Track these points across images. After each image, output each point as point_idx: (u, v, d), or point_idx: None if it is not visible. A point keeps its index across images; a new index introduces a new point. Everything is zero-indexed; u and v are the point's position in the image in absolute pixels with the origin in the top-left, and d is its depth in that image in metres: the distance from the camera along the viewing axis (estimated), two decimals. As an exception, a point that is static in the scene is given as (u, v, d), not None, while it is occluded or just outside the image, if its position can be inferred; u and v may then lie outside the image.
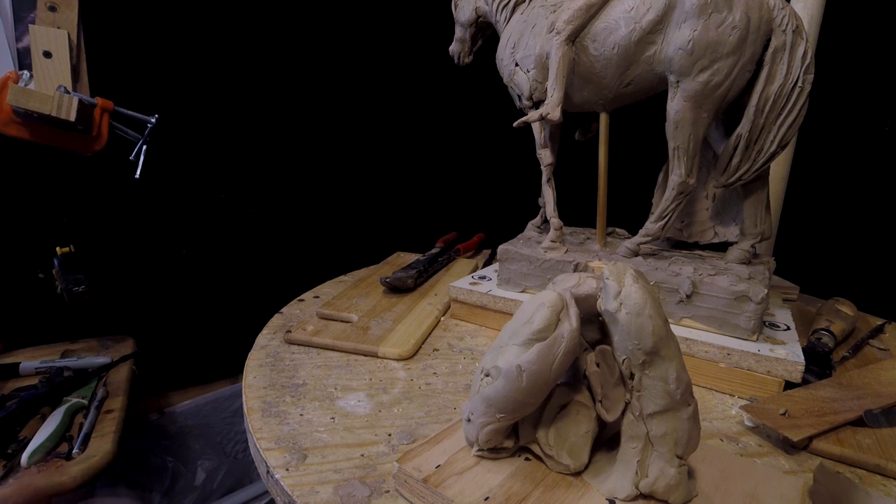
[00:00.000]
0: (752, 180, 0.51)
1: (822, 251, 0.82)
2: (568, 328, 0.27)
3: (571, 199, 0.64)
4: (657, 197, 0.60)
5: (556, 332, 0.27)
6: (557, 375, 0.27)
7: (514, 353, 0.28)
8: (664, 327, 0.26)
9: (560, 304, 0.28)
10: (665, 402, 0.27)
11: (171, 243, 0.95)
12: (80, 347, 0.82)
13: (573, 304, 0.28)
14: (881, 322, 0.61)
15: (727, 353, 0.47)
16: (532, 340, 0.28)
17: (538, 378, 0.27)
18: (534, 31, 0.56)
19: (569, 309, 0.28)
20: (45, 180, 0.82)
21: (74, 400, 0.64)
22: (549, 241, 0.59)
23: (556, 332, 0.27)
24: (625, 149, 0.63)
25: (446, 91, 0.99)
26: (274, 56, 0.94)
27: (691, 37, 0.46)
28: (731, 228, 0.57)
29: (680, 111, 0.49)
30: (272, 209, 1.01)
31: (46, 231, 0.82)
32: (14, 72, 0.62)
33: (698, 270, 0.51)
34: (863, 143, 0.80)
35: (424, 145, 1.06)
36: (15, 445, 0.56)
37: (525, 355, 0.27)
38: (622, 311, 0.26)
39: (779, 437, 0.37)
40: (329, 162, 1.03)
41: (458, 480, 0.29)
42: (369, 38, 1.00)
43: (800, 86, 0.46)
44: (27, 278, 0.82)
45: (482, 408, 0.29)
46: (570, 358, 0.27)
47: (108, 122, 0.66)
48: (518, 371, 0.27)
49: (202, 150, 0.93)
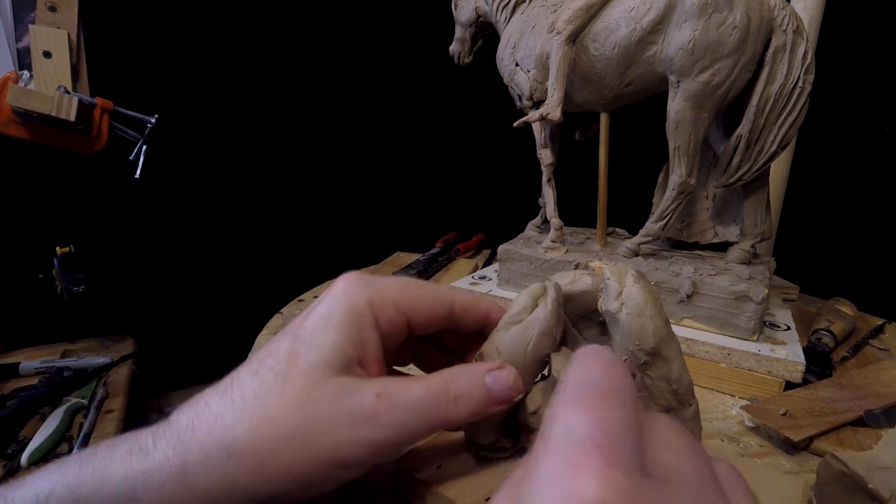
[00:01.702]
0: (753, 180, 0.51)
1: (822, 251, 0.82)
2: (542, 311, 0.28)
3: (571, 199, 0.64)
4: (657, 197, 0.60)
5: (531, 316, 0.28)
6: (534, 357, 0.28)
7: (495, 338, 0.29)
8: (665, 328, 0.26)
9: (539, 292, 0.29)
10: (667, 402, 0.27)
11: (171, 243, 0.95)
12: (80, 347, 0.82)
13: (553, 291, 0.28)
14: (881, 322, 0.61)
15: (727, 353, 0.47)
16: (509, 324, 0.28)
17: (514, 360, 0.28)
18: (534, 30, 0.56)
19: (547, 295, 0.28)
20: (45, 180, 0.82)
21: (74, 400, 0.64)
22: (550, 242, 0.59)
23: (532, 315, 0.28)
24: (625, 149, 0.63)
25: (446, 91, 0.99)
26: (273, 56, 0.94)
27: (692, 37, 0.46)
28: (732, 228, 0.57)
29: (680, 111, 0.49)
30: (272, 209, 1.01)
31: (46, 231, 0.82)
32: (14, 72, 0.62)
33: (699, 270, 0.51)
34: (862, 142, 0.80)
35: (424, 145, 1.06)
36: (15, 445, 0.56)
37: (502, 338, 0.28)
38: (623, 312, 0.26)
39: (779, 438, 0.37)
40: (328, 161, 1.03)
41: (460, 481, 0.29)
42: (369, 38, 1.00)
43: (800, 86, 0.46)
44: (27, 278, 0.82)
45: None
46: (545, 340, 0.28)
47: (108, 122, 0.66)
48: (496, 353, 0.28)
49: (202, 150, 0.93)
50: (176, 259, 0.95)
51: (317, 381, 0.23)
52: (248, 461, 0.22)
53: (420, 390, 0.24)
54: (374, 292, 0.27)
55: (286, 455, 0.22)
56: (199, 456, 0.22)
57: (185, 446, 0.22)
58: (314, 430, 0.22)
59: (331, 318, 0.25)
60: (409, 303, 0.28)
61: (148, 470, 0.22)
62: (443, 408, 0.24)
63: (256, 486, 0.22)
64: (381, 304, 0.26)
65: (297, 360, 0.24)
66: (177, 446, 0.22)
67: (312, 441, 0.22)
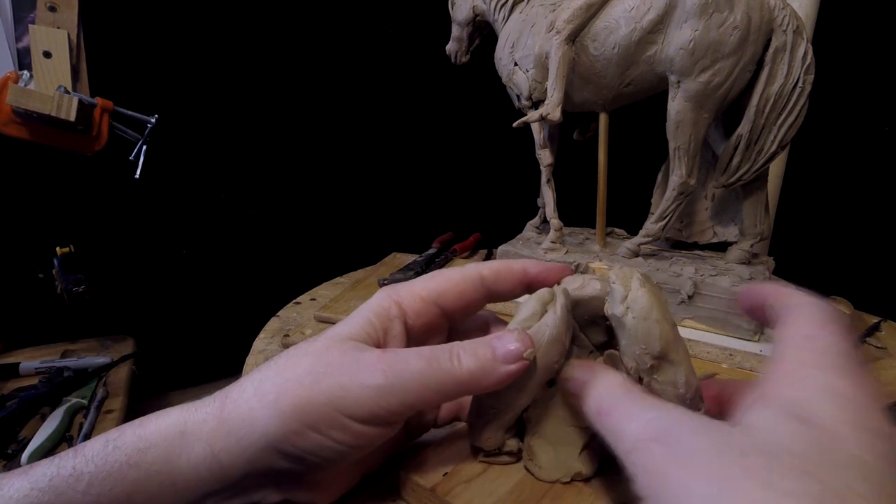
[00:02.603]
0: (752, 180, 0.51)
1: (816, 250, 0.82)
2: (552, 317, 0.27)
3: (571, 200, 0.63)
4: (656, 197, 0.60)
5: (540, 322, 0.27)
6: (544, 364, 0.27)
7: None
8: (672, 331, 0.26)
9: (548, 297, 0.28)
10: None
11: (171, 244, 0.95)
12: (80, 347, 0.82)
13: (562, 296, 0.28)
14: (877, 320, 0.61)
15: (729, 353, 0.47)
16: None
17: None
18: (533, 30, 0.56)
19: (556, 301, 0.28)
20: (45, 180, 0.82)
21: (74, 400, 0.64)
22: (549, 242, 0.59)
23: (541, 321, 0.27)
24: (624, 149, 0.63)
25: (443, 91, 0.98)
26: (273, 56, 0.94)
27: (692, 37, 0.46)
28: (731, 228, 0.57)
29: (681, 111, 0.49)
30: (271, 210, 1.01)
31: (46, 231, 0.82)
32: (14, 72, 0.62)
33: (699, 271, 0.51)
34: (858, 142, 0.80)
35: (421, 145, 1.06)
36: (15, 445, 0.56)
37: None
38: (629, 316, 0.26)
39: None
40: (325, 162, 1.03)
41: (467, 488, 0.29)
42: (367, 39, 1.00)
43: (800, 86, 0.46)
44: (27, 278, 0.82)
45: (476, 403, 0.29)
46: (555, 348, 0.27)
47: (108, 122, 0.66)
48: None
49: (202, 150, 0.93)
50: (176, 259, 0.95)
51: (335, 341, 0.27)
52: (267, 397, 0.25)
53: (425, 350, 0.26)
54: (400, 290, 0.29)
55: (299, 392, 0.24)
56: (236, 395, 0.26)
57: (227, 392, 0.27)
58: (323, 374, 0.25)
59: (359, 312, 0.28)
60: (434, 290, 0.29)
61: (198, 411, 0.26)
62: (446, 363, 0.25)
63: (272, 422, 0.24)
64: (408, 298, 0.29)
65: (325, 333, 0.28)
66: (220, 396, 0.27)
67: (320, 381, 0.25)
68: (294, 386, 0.25)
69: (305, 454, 0.25)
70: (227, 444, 0.25)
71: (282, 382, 0.25)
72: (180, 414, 0.26)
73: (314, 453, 0.25)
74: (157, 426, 0.26)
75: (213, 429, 0.25)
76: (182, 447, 0.25)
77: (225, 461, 0.25)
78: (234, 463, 0.25)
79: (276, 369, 0.26)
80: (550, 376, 0.28)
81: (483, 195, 1.04)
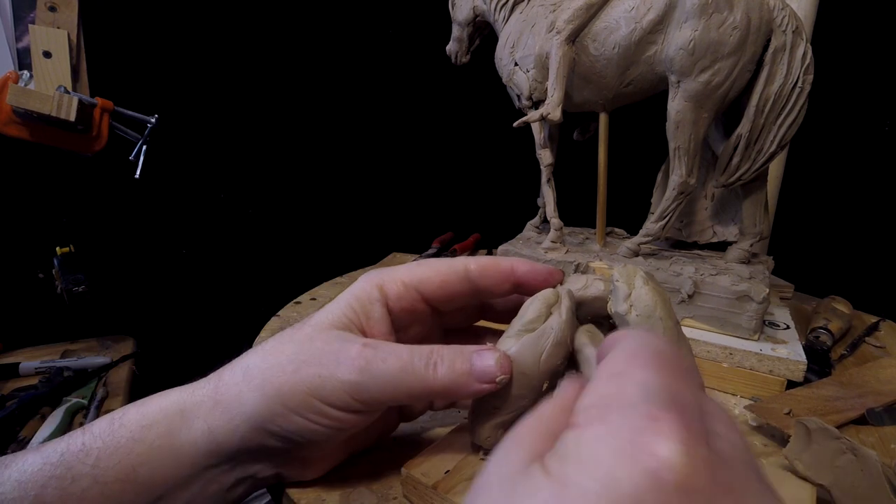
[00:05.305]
0: (751, 180, 0.51)
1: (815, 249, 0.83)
2: (557, 320, 0.27)
3: (571, 200, 0.64)
4: (656, 197, 0.60)
5: (545, 324, 0.27)
6: (547, 367, 0.27)
7: (505, 345, 0.28)
8: (675, 329, 0.26)
9: (553, 299, 0.28)
10: None
11: (171, 243, 0.95)
12: (80, 347, 0.82)
13: (567, 298, 0.28)
14: (876, 320, 0.61)
15: (729, 352, 0.47)
16: (522, 332, 0.28)
17: (527, 369, 0.27)
18: (533, 30, 0.56)
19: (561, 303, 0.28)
20: (45, 180, 0.82)
21: (74, 400, 0.64)
22: (550, 242, 0.59)
23: (546, 323, 0.27)
24: (624, 149, 0.63)
25: (444, 91, 0.98)
26: (272, 56, 0.94)
27: (692, 37, 0.46)
28: (730, 228, 0.57)
29: (681, 111, 0.49)
30: (271, 209, 1.01)
31: (46, 231, 0.82)
32: (14, 72, 0.62)
33: (699, 270, 0.51)
34: (857, 142, 0.80)
35: (420, 145, 1.06)
36: (15, 445, 0.56)
37: (514, 346, 0.27)
38: (632, 314, 0.26)
39: (784, 437, 0.37)
40: (325, 162, 1.03)
41: (469, 486, 0.29)
42: (367, 39, 1.00)
43: (800, 86, 0.47)
44: (27, 278, 0.82)
45: (477, 402, 0.29)
46: (559, 350, 0.27)
47: (108, 122, 0.66)
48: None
49: (202, 150, 0.93)
50: (176, 259, 0.95)
51: (319, 330, 0.28)
52: (254, 381, 0.27)
53: (405, 352, 0.27)
54: (383, 275, 0.30)
55: (281, 377, 0.26)
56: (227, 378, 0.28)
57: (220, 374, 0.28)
58: (305, 362, 0.26)
59: (342, 297, 0.30)
60: (416, 276, 0.30)
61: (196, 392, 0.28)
62: (421, 370, 0.26)
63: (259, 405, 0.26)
64: (389, 282, 0.30)
65: (310, 320, 0.29)
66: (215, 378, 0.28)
67: (301, 368, 0.26)
68: (277, 372, 0.26)
69: (290, 434, 0.26)
70: (221, 423, 0.27)
71: (266, 368, 0.27)
72: (179, 394, 0.28)
73: (298, 434, 0.26)
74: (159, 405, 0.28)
75: (210, 408, 0.27)
76: (182, 424, 0.27)
77: (220, 438, 0.27)
78: (228, 440, 0.27)
79: (263, 354, 0.28)
80: (553, 378, 0.28)
81: (483, 195, 1.04)
